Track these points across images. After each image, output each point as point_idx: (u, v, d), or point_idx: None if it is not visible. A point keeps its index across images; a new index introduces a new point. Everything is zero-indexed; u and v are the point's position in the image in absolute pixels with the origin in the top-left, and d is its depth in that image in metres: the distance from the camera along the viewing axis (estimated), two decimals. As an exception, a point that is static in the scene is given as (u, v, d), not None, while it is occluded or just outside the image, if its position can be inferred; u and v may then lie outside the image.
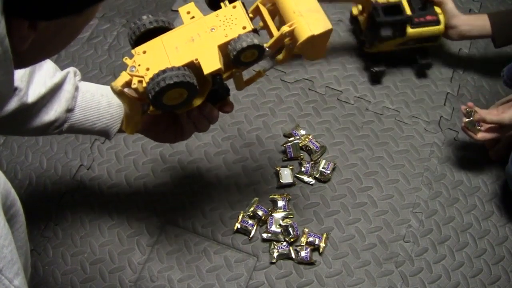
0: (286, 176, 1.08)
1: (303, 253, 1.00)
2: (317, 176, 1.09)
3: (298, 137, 1.13)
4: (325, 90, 1.22)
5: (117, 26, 1.29)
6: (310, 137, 1.13)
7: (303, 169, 1.10)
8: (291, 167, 1.09)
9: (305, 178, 1.09)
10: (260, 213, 1.03)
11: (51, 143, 1.13)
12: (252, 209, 1.03)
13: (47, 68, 0.75)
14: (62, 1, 0.44)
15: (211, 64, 0.64)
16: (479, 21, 1.12)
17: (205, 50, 0.65)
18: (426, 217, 1.08)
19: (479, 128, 1.04)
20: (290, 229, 1.01)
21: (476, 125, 1.03)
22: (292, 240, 1.01)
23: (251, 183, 1.09)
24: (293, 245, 1.02)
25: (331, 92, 1.21)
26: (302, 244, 1.01)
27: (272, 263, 1.01)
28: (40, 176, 1.09)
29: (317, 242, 1.01)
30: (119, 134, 1.11)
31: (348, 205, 1.08)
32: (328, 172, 1.09)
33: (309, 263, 1.01)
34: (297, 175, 1.10)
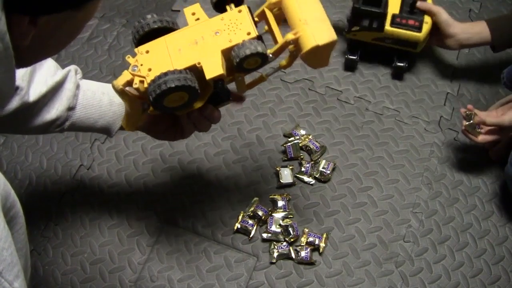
0: (286, 176, 1.08)
1: (303, 253, 1.00)
2: (317, 176, 1.09)
3: (298, 137, 1.13)
4: (325, 90, 1.22)
5: (117, 26, 1.29)
6: (310, 137, 1.13)
7: (303, 169, 1.10)
8: (291, 167, 1.09)
9: (305, 178, 1.09)
10: (260, 213, 1.03)
11: (51, 143, 1.13)
12: (252, 209, 1.03)
13: (48, 67, 0.75)
14: None
15: (213, 69, 0.64)
16: (477, 28, 1.11)
17: (208, 54, 0.65)
18: (426, 217, 1.08)
19: (479, 130, 1.04)
20: (290, 229, 1.01)
21: (477, 128, 1.03)
22: (292, 240, 1.01)
23: (251, 183, 1.09)
24: (293, 245, 1.02)
25: (331, 92, 1.21)
26: (302, 244, 1.01)
27: (272, 263, 1.01)
28: (40, 176, 1.09)
29: (317, 242, 1.01)
30: (119, 134, 1.12)
31: (348, 205, 1.08)
32: (328, 172, 1.09)
33: (309, 263, 1.01)
34: (297, 175, 1.10)
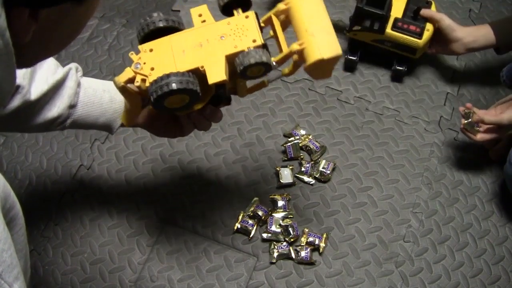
0: (286, 176, 1.08)
1: (303, 253, 1.00)
2: (317, 176, 1.09)
3: (298, 137, 1.13)
4: (325, 90, 1.22)
5: (117, 26, 1.29)
6: (310, 137, 1.13)
7: (303, 169, 1.10)
8: (291, 167, 1.09)
9: (305, 178, 1.09)
10: (260, 213, 1.03)
11: (51, 143, 1.13)
12: (252, 209, 1.03)
13: (48, 65, 0.75)
14: None
15: (216, 74, 0.63)
16: (482, 31, 1.10)
17: (212, 58, 0.64)
18: (426, 217, 1.08)
19: (478, 129, 1.04)
20: (290, 229, 1.01)
21: (475, 126, 1.03)
22: (292, 240, 1.01)
23: (251, 183, 1.09)
24: (293, 245, 1.02)
25: (331, 92, 1.21)
26: (302, 244, 1.01)
27: (272, 263, 1.01)
28: (40, 176, 1.09)
29: (317, 242, 1.01)
30: (119, 133, 1.13)
31: (348, 205, 1.08)
32: (328, 172, 1.09)
33: (309, 263, 1.01)
34: (297, 175, 1.10)
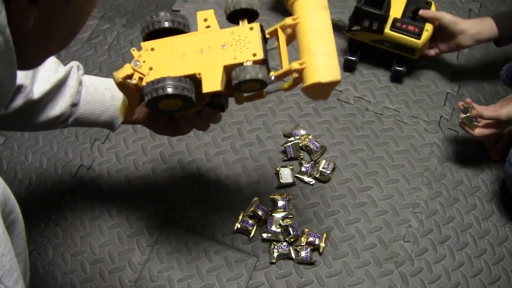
0: (286, 176, 1.08)
1: (303, 253, 1.00)
2: (317, 176, 1.09)
3: (298, 137, 1.13)
4: (325, 90, 1.21)
5: (117, 26, 1.29)
6: (310, 137, 1.13)
7: (303, 169, 1.10)
8: (291, 167, 1.09)
9: (305, 178, 1.09)
10: (260, 213, 1.03)
11: (51, 143, 1.13)
12: (252, 209, 1.03)
13: (49, 64, 0.75)
14: None
15: (212, 83, 0.63)
16: (485, 23, 1.10)
17: (211, 66, 0.64)
18: (426, 217, 1.08)
19: (476, 124, 1.04)
20: (290, 229, 1.01)
21: (474, 121, 1.03)
22: (292, 240, 1.01)
23: (251, 183, 1.09)
24: (293, 245, 1.02)
25: (331, 92, 1.21)
26: (302, 244, 1.01)
27: (272, 263, 1.01)
28: (40, 176, 1.09)
29: (317, 242, 1.01)
30: (119, 133, 1.13)
31: (348, 205, 1.08)
32: (328, 172, 1.09)
33: (309, 263, 1.01)
34: (297, 175, 1.10)
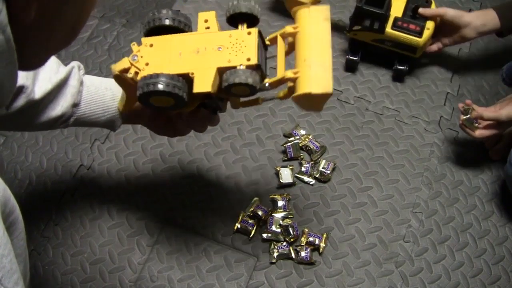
0: (286, 176, 1.08)
1: (303, 253, 1.00)
2: (317, 176, 1.09)
3: (298, 137, 1.13)
4: (325, 90, 1.21)
5: (117, 26, 1.29)
6: (310, 137, 1.13)
7: (303, 169, 1.10)
8: (291, 167, 1.09)
9: (305, 178, 1.09)
10: (260, 213, 1.03)
11: (51, 143, 1.13)
12: (252, 209, 1.03)
13: (50, 64, 0.76)
14: None
15: (203, 84, 0.64)
16: (489, 15, 1.11)
17: (204, 67, 0.65)
18: (426, 217, 1.08)
19: (476, 125, 1.04)
20: (290, 229, 1.01)
21: (474, 122, 1.03)
22: (292, 240, 1.01)
23: (251, 183, 1.09)
24: (293, 245, 1.02)
25: (332, 92, 1.21)
26: (302, 244, 1.01)
27: (272, 263, 1.01)
28: (40, 176, 1.09)
29: (317, 242, 1.01)
30: (119, 133, 1.13)
31: (348, 205, 1.08)
32: (328, 172, 1.09)
33: (309, 263, 1.01)
34: (297, 175, 1.10)
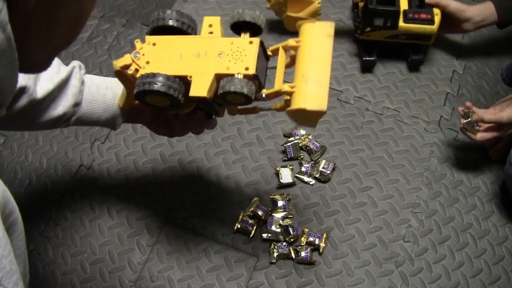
0: (286, 176, 1.08)
1: (303, 253, 1.00)
2: (317, 176, 1.09)
3: (298, 137, 1.13)
4: (325, 90, 1.21)
5: (117, 26, 1.29)
6: (310, 137, 1.13)
7: (303, 169, 1.10)
8: (291, 167, 1.09)
9: (305, 178, 1.09)
10: (260, 213, 1.03)
11: (51, 143, 1.13)
12: (252, 209, 1.03)
13: (51, 64, 0.76)
14: None
15: (199, 88, 0.64)
16: (488, 10, 1.15)
17: (203, 72, 0.65)
18: (426, 217, 1.08)
19: (477, 128, 1.04)
20: (290, 229, 1.01)
21: (475, 126, 1.03)
22: (292, 240, 1.01)
23: (251, 183, 1.09)
24: (293, 245, 1.02)
25: (331, 92, 1.21)
26: (302, 244, 1.01)
27: (272, 263, 1.01)
28: (40, 176, 1.09)
29: (317, 242, 1.01)
30: (119, 133, 1.13)
31: (348, 205, 1.08)
32: (328, 172, 1.09)
33: (309, 263, 1.01)
34: (297, 175, 1.10)
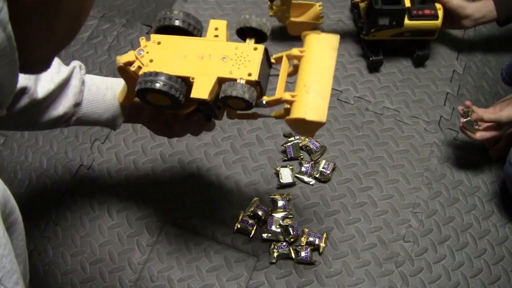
0: (286, 176, 1.08)
1: (303, 253, 1.00)
2: (317, 176, 1.09)
3: (298, 137, 1.13)
4: (325, 90, 1.21)
5: (117, 26, 1.29)
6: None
7: (303, 169, 1.10)
8: (291, 167, 1.09)
9: (305, 178, 1.09)
10: (260, 213, 1.03)
11: (51, 143, 1.13)
12: (252, 209, 1.03)
13: (52, 64, 0.76)
14: None
15: (201, 90, 0.64)
16: (488, 7, 1.16)
17: (206, 74, 0.65)
18: (426, 217, 1.08)
19: (477, 127, 1.04)
20: (290, 229, 1.01)
21: (474, 125, 1.03)
22: (292, 240, 1.01)
23: (251, 183, 1.09)
24: (293, 245, 1.02)
25: (331, 92, 1.21)
26: (302, 244, 1.01)
27: (272, 263, 1.01)
28: (40, 176, 1.09)
29: (317, 242, 1.01)
30: (119, 133, 1.13)
31: (348, 205, 1.08)
32: (328, 172, 1.09)
33: (309, 263, 1.01)
34: (297, 175, 1.10)
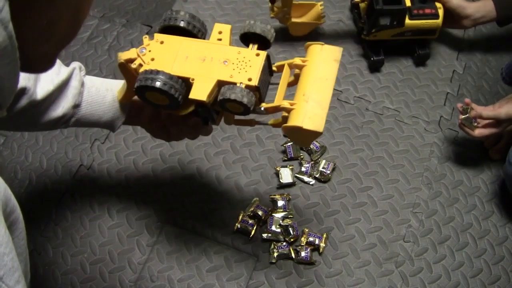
0: (286, 176, 1.08)
1: (303, 253, 1.00)
2: (317, 176, 1.09)
3: (298, 137, 1.13)
4: (325, 90, 1.21)
5: (117, 26, 1.29)
6: (310, 137, 1.13)
7: (303, 169, 1.10)
8: (291, 167, 1.09)
9: (305, 178, 1.09)
10: (260, 213, 1.03)
11: (51, 143, 1.13)
12: (252, 209, 1.03)
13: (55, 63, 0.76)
14: None
15: (200, 92, 0.65)
16: (488, 7, 1.16)
17: (206, 76, 0.66)
18: (426, 217, 1.08)
19: (476, 124, 1.04)
20: (290, 229, 1.01)
21: (473, 122, 1.03)
22: (292, 240, 1.01)
23: (251, 183, 1.09)
24: (293, 245, 1.02)
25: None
26: (302, 244, 1.01)
27: (272, 263, 1.01)
28: (40, 176, 1.09)
29: (317, 242, 1.01)
30: (119, 133, 1.13)
31: (348, 205, 1.08)
32: (328, 172, 1.09)
33: (309, 263, 1.01)
34: (297, 175, 1.10)
